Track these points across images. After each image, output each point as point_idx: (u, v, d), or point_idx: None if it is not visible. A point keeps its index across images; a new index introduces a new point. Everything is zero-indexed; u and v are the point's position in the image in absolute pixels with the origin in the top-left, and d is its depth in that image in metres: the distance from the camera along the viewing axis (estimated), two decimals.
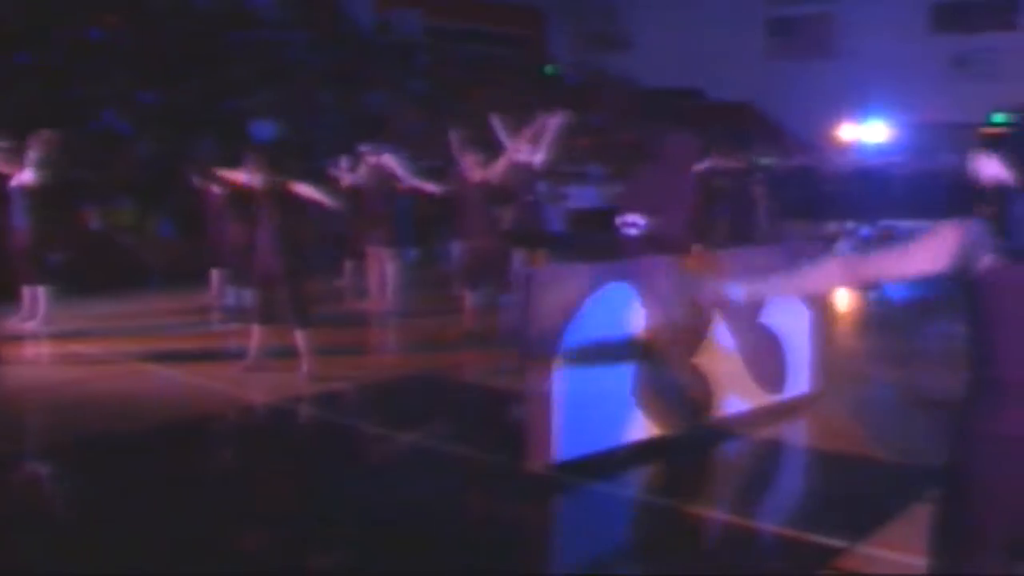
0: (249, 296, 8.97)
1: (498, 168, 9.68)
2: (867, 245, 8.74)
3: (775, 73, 29.80)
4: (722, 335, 6.56)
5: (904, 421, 7.18)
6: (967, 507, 2.42)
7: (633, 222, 7.17)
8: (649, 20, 31.25)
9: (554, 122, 10.02)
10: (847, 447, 6.55)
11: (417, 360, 8.96)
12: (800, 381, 7.29)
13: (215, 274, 11.24)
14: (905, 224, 14.00)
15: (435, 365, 8.73)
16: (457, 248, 10.97)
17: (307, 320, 7.99)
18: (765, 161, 21.15)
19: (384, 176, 11.25)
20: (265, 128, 16.28)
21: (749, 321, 6.73)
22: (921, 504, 5.22)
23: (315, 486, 5.78)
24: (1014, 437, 2.33)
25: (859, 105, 26.88)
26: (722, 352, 6.58)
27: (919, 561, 4.28)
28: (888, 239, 9.64)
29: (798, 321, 7.22)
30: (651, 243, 7.00)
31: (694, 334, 6.36)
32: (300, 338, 7.94)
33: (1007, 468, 2.34)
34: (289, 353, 7.99)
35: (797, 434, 7.09)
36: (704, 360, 6.46)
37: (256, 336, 8.11)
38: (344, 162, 12.06)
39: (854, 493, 5.62)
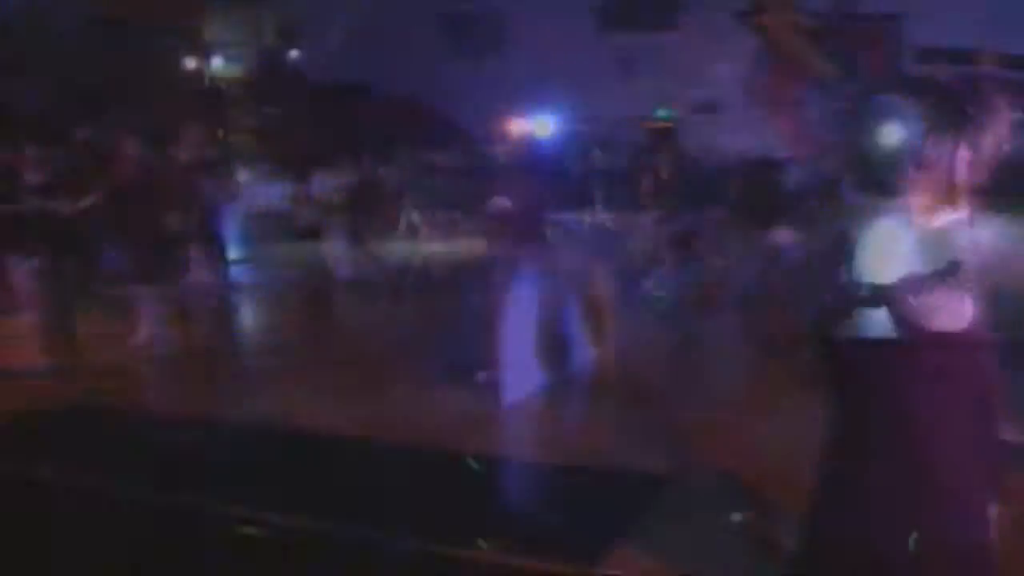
0: None
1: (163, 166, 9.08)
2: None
3: (447, 69, 30.10)
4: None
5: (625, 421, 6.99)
6: None
7: (504, 203, 9.02)
8: (317, 12, 30.69)
9: None
10: (565, 456, 6.26)
11: (80, 382, 7.99)
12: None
13: None
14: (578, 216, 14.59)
15: (100, 387, 7.89)
16: (117, 254, 10.09)
17: None
18: (439, 158, 21.27)
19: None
20: None
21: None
22: (653, 517, 4.99)
23: None
24: None
25: (529, 101, 27.49)
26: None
27: None
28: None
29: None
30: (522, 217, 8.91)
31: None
32: None
33: None
34: None
35: (511, 445, 6.82)
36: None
37: None
38: None
39: (579, 508, 5.26)
